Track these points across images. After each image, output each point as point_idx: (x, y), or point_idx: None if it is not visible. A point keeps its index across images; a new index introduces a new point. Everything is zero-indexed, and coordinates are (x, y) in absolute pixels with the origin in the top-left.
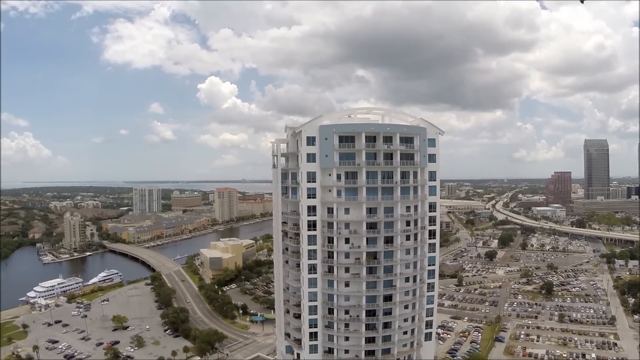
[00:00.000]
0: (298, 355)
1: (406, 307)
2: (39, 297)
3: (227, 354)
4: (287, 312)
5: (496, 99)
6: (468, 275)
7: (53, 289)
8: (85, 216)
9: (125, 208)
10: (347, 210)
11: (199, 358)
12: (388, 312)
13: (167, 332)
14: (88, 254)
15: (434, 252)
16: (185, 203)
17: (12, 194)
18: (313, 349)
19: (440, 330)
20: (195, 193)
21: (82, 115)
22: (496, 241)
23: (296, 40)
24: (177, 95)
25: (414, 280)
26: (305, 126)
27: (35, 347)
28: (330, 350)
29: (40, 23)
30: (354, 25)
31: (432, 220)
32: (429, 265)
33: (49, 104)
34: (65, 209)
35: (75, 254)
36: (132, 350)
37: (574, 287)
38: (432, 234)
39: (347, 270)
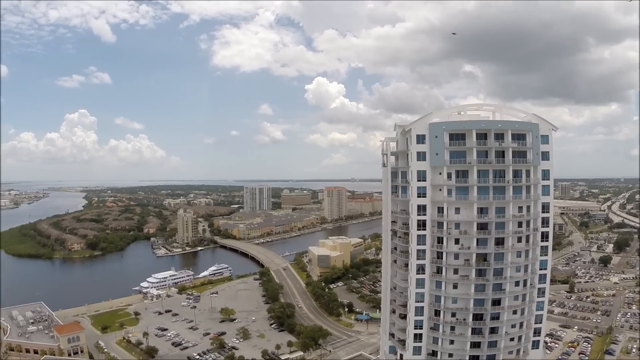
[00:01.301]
0: (401, 356)
1: (515, 312)
2: (152, 288)
3: (330, 351)
4: (393, 312)
5: (611, 92)
6: (580, 282)
7: (165, 281)
8: (197, 213)
9: (236, 206)
10: (457, 210)
11: (302, 353)
12: (496, 317)
13: (272, 326)
14: (199, 248)
15: (546, 255)
16: (295, 201)
17: (128, 192)
18: (417, 351)
19: (547, 339)
20: (305, 192)
21: (194, 118)
22: (611, 246)
23: (401, 38)
24: (285, 97)
25: (524, 285)
26: (414, 124)
27: (145, 334)
28: (434, 353)
29: (151, 33)
30: (458, 19)
31: (544, 222)
32: (540, 269)
33: (162, 108)
34: (179, 206)
35: (188, 248)
36: (238, 341)
37: None
38: (544, 236)
39: (455, 271)
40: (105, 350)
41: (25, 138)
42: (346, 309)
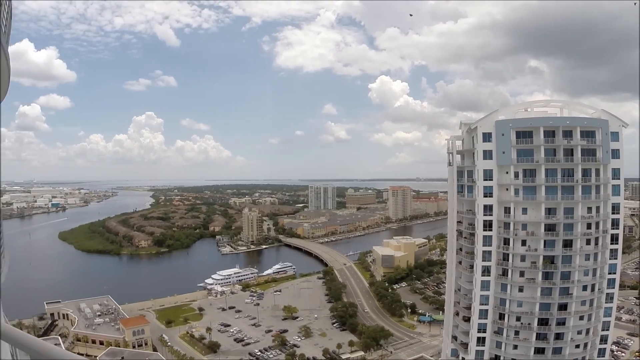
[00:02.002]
0: (463, 359)
1: (581, 318)
2: (216, 284)
3: (391, 352)
4: (457, 314)
5: None
6: None
7: (229, 278)
8: (262, 212)
9: (300, 205)
10: (524, 210)
11: (362, 353)
12: (561, 322)
13: (334, 325)
14: (264, 247)
15: (616, 259)
16: (359, 201)
17: (195, 191)
18: (479, 355)
19: (614, 347)
20: (369, 191)
21: (259, 119)
22: None
23: (464, 34)
24: (349, 96)
25: (592, 289)
26: (480, 122)
27: (208, 329)
28: (496, 358)
29: (214, 37)
30: (522, 13)
31: (614, 224)
32: (608, 273)
33: (227, 109)
34: (244, 204)
35: (252, 246)
36: (299, 339)
37: None
38: (613, 239)
39: (521, 274)
40: (169, 343)
41: (94, 140)
42: (409, 310)
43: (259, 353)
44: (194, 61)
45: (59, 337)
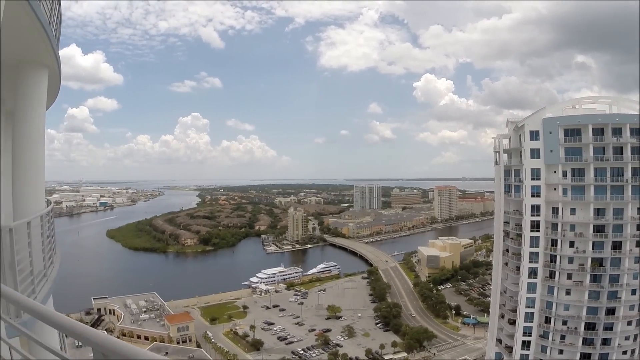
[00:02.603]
0: None
1: (629, 323)
2: (261, 283)
3: (434, 354)
4: (502, 316)
5: None
6: None
7: (274, 276)
8: (307, 211)
9: (346, 204)
10: (572, 211)
11: (405, 354)
12: (609, 328)
13: (377, 325)
14: (309, 246)
15: None
16: (405, 200)
17: (240, 190)
18: (523, 358)
19: None
20: (415, 191)
21: (304, 119)
22: None
23: (508, 30)
24: (394, 95)
25: None
26: (527, 120)
27: (252, 327)
28: None
29: (257, 38)
30: (567, 6)
31: None
32: None
33: (272, 109)
34: (289, 204)
35: (297, 245)
36: (342, 339)
37: None
38: None
39: (569, 276)
40: (213, 340)
41: (141, 140)
42: (453, 312)
43: (301, 352)
44: (239, 62)
45: (105, 332)
